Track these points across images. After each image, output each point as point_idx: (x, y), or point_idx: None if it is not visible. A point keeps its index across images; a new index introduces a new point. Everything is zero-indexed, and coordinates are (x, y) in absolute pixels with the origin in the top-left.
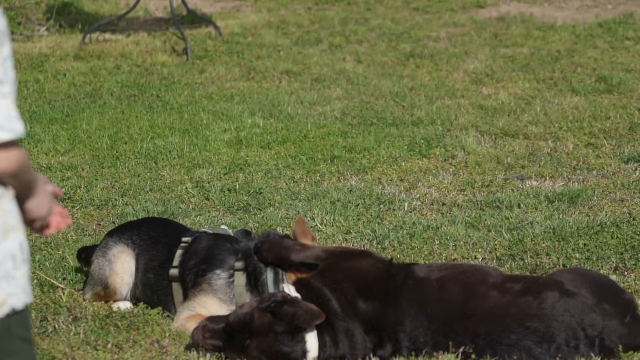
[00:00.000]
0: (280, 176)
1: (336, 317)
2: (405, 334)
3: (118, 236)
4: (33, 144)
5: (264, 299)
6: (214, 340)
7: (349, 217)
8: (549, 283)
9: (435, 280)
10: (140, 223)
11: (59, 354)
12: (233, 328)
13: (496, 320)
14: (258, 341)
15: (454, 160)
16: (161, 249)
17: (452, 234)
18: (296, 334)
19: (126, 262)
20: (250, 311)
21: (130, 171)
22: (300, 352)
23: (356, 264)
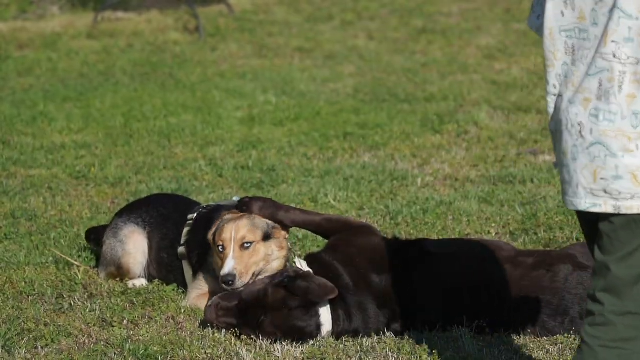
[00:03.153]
0: (293, 153)
1: (348, 292)
2: (419, 308)
3: (127, 216)
4: (47, 123)
5: (276, 274)
6: (227, 318)
7: (362, 194)
8: (561, 256)
9: (447, 255)
10: (149, 201)
11: (75, 331)
12: (247, 305)
13: (508, 293)
14: (272, 317)
15: (466, 135)
16: (171, 227)
17: (465, 209)
18: (310, 308)
19: (138, 242)
20: (264, 287)
21: (144, 149)
22: (314, 326)
23: (367, 239)
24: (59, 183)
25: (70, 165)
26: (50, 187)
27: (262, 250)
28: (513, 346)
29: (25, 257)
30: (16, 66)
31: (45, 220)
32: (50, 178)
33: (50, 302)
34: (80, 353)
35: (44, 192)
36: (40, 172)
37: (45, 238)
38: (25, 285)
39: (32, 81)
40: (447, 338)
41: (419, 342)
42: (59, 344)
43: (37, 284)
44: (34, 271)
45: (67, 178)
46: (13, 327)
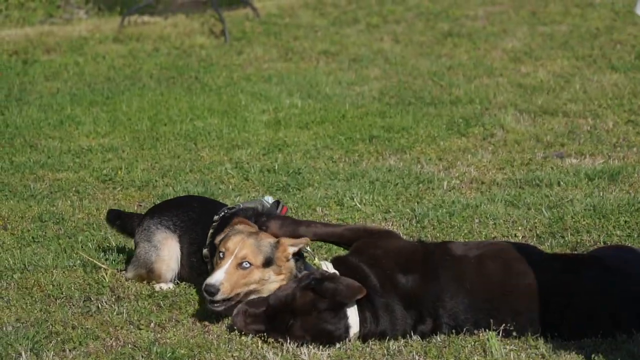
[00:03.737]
0: (319, 156)
1: (375, 293)
2: (445, 310)
3: (159, 218)
4: (74, 127)
5: (302, 278)
6: (256, 325)
7: (388, 197)
8: (587, 260)
9: (473, 257)
10: (179, 203)
11: (103, 333)
12: (275, 310)
13: (536, 297)
14: (301, 321)
15: (492, 138)
16: (199, 231)
17: (491, 212)
18: (338, 311)
19: (172, 248)
20: (292, 291)
21: (170, 152)
22: (343, 328)
23: (392, 242)
24: (86, 186)
25: (97, 168)
26: (78, 190)
27: (257, 274)
28: (540, 350)
29: (53, 260)
30: (43, 70)
31: (72, 224)
32: (78, 181)
33: (77, 305)
34: (107, 356)
35: (72, 195)
36: (68, 175)
37: (72, 241)
38: (53, 288)
39: (59, 85)
40: (474, 342)
41: (446, 345)
42: (86, 346)
43: (65, 286)
44: (61, 274)
45: (94, 181)
46: (41, 330)
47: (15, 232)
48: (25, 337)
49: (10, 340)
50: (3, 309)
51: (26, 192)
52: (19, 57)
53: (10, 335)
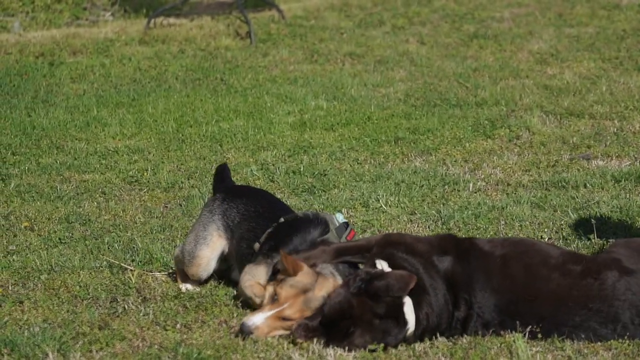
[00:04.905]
0: (345, 158)
1: (424, 282)
2: (476, 299)
3: (227, 205)
4: (100, 128)
5: (348, 281)
6: (317, 337)
7: (413, 198)
8: (607, 263)
9: (498, 256)
10: (250, 194)
11: (129, 334)
12: (330, 319)
13: (559, 303)
14: (361, 328)
15: (518, 140)
16: (261, 223)
17: (517, 214)
18: (396, 311)
19: (218, 248)
20: (346, 299)
21: (196, 154)
22: (402, 328)
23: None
24: (112, 188)
25: (124, 170)
26: (104, 191)
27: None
28: (567, 352)
29: (80, 261)
30: (69, 72)
31: (99, 225)
32: (104, 183)
33: (104, 306)
34: (134, 356)
35: (98, 196)
36: (94, 176)
37: (99, 242)
38: (79, 289)
39: (85, 87)
40: (500, 343)
41: (472, 347)
42: (113, 347)
43: (92, 287)
44: (88, 275)
45: (121, 183)
46: (68, 331)
47: (42, 233)
48: (52, 338)
49: (38, 340)
50: (30, 309)
51: (53, 194)
52: (45, 59)
53: (38, 336)
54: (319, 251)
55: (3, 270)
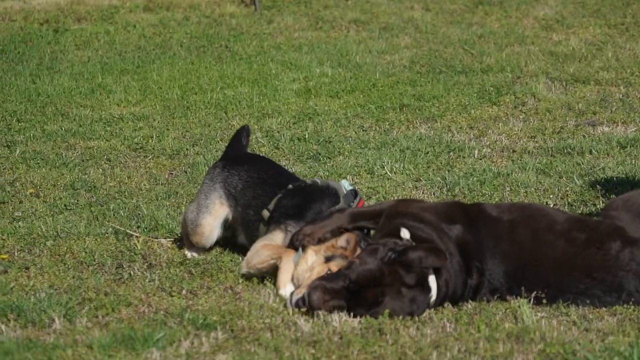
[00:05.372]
0: (350, 125)
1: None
2: (487, 267)
3: (228, 172)
4: (105, 95)
5: (376, 249)
6: (336, 301)
7: (418, 165)
8: (610, 232)
9: (506, 221)
10: (254, 160)
11: (135, 300)
12: (359, 285)
13: (564, 271)
14: (391, 296)
15: (524, 107)
16: (268, 190)
17: (523, 180)
18: (423, 280)
19: (219, 215)
20: (377, 267)
21: (201, 121)
22: (427, 295)
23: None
24: (117, 154)
25: (129, 137)
26: (109, 158)
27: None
28: (572, 317)
29: (85, 227)
30: (74, 39)
31: (104, 192)
32: (109, 150)
33: (110, 272)
34: (140, 322)
35: (103, 163)
36: (99, 143)
37: (104, 209)
38: (85, 255)
39: (89, 54)
40: (505, 308)
41: (477, 312)
42: (119, 313)
43: (97, 254)
44: (93, 241)
45: (126, 150)
46: (74, 297)
47: (47, 199)
48: (58, 304)
49: (44, 306)
50: (36, 275)
51: (58, 160)
52: (49, 26)
53: (44, 302)
54: (335, 218)
55: (9, 236)
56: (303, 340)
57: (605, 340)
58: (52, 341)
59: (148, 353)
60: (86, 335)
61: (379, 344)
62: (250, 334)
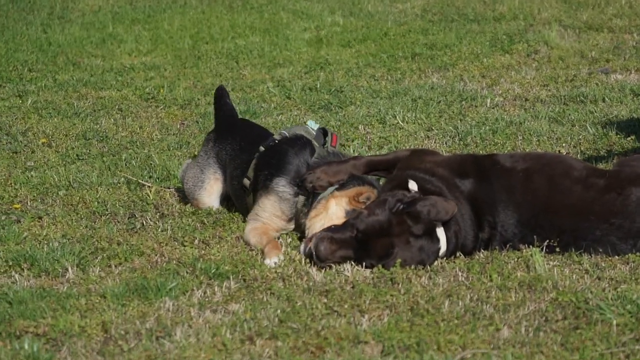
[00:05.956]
0: (361, 74)
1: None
2: (499, 219)
3: (220, 146)
4: (116, 45)
5: (384, 201)
6: (343, 251)
7: (430, 115)
8: (631, 178)
9: (521, 170)
10: (236, 130)
11: (148, 250)
12: (367, 235)
13: (580, 216)
14: (401, 247)
15: (536, 55)
16: (245, 159)
17: (535, 129)
18: (432, 234)
19: (214, 189)
20: (386, 218)
21: (212, 71)
22: (436, 245)
23: (437, 155)
24: (129, 104)
25: (140, 86)
26: (121, 108)
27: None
28: (584, 265)
29: (98, 177)
30: None
31: (116, 142)
32: (121, 99)
33: (122, 222)
34: (152, 271)
35: (115, 113)
36: (111, 93)
37: (116, 159)
38: (98, 205)
39: (100, 3)
40: (517, 257)
41: (489, 261)
42: (131, 262)
43: (110, 204)
44: (106, 191)
45: (137, 99)
46: (87, 246)
47: (59, 149)
48: (71, 253)
49: (57, 256)
50: (49, 225)
51: (70, 110)
52: None
53: (57, 251)
54: (350, 165)
55: (22, 186)
56: (315, 290)
57: (618, 289)
58: (65, 290)
59: (161, 302)
60: (99, 285)
61: (391, 293)
62: (262, 284)
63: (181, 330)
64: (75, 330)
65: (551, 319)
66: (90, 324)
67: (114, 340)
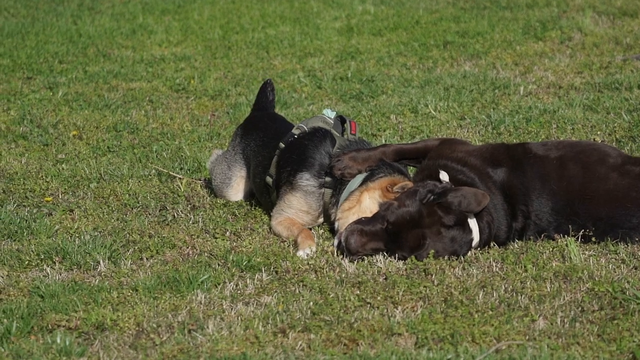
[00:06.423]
0: (393, 63)
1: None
2: (533, 208)
3: (246, 142)
4: (146, 36)
5: (414, 192)
6: (374, 243)
7: (463, 103)
8: None
9: (554, 158)
10: (259, 125)
11: (179, 242)
12: (398, 227)
13: (616, 203)
14: (432, 238)
15: (570, 42)
16: (266, 155)
17: (569, 117)
18: (465, 224)
19: (241, 187)
20: (416, 209)
21: (243, 61)
22: (468, 235)
23: (469, 145)
24: (159, 96)
25: (170, 77)
26: (151, 100)
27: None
28: (620, 255)
29: (129, 169)
30: None
31: (147, 133)
32: (151, 91)
33: (154, 214)
34: (184, 264)
35: (145, 105)
36: (141, 85)
37: (147, 151)
38: (129, 197)
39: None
40: (552, 247)
41: (523, 252)
42: (163, 255)
43: (141, 196)
44: (137, 184)
45: (167, 91)
46: (118, 239)
47: (90, 141)
48: (103, 246)
49: (89, 249)
50: (81, 218)
51: (100, 102)
52: None
53: (89, 244)
54: (379, 152)
55: (53, 178)
56: (348, 282)
57: None
58: (97, 283)
59: (193, 295)
60: (131, 278)
61: (424, 285)
62: (294, 276)
63: (213, 323)
64: (107, 324)
65: (587, 310)
66: (122, 317)
67: (146, 333)
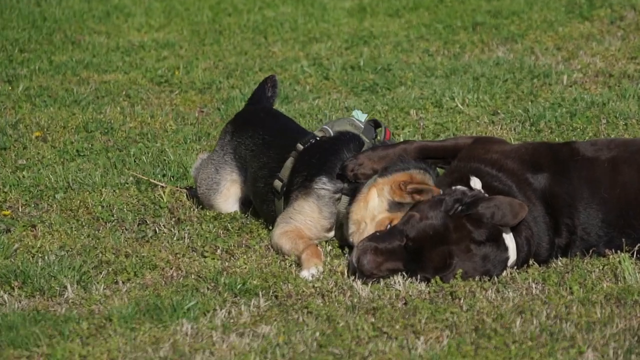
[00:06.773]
0: (413, 49)
1: None
2: (580, 221)
3: (237, 141)
4: (123, 19)
5: (439, 201)
6: (392, 263)
7: (495, 95)
8: None
9: (605, 160)
10: (256, 122)
11: (162, 262)
12: (419, 243)
13: None
14: (461, 257)
15: (622, 22)
16: (273, 155)
17: (622, 110)
18: (498, 238)
19: (231, 192)
20: (442, 222)
21: (236, 48)
22: (503, 254)
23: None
24: (138, 90)
25: (151, 68)
26: (129, 94)
27: None
28: None
29: (102, 177)
30: None
31: (123, 134)
32: (128, 84)
33: (131, 230)
34: (167, 288)
35: (122, 100)
36: (117, 77)
37: (123, 154)
38: (102, 210)
39: None
40: (603, 265)
41: (568, 270)
42: (142, 277)
43: (116, 208)
44: (111, 193)
45: (148, 83)
46: (89, 259)
47: (56, 144)
48: (70, 268)
49: (54, 271)
50: (44, 234)
51: (68, 98)
52: None
53: (54, 266)
54: (399, 149)
55: (11, 188)
56: (361, 307)
57: None
58: (64, 312)
59: (177, 325)
60: (104, 305)
61: (451, 310)
62: (297, 301)
63: (201, 358)
64: None
65: None
66: (93, 352)
67: None
